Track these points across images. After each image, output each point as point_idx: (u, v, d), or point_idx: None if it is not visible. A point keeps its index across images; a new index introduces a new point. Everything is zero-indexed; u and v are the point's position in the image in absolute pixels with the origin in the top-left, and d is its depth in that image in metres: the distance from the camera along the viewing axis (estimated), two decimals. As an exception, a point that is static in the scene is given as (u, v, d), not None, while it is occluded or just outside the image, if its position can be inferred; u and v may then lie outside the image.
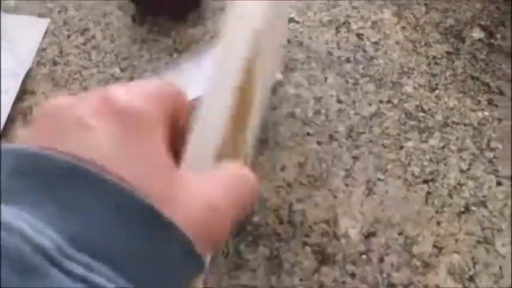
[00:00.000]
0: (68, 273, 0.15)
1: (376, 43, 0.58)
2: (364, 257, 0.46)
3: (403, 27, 0.60)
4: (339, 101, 0.54)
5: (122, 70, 0.57)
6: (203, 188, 0.22)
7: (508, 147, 0.51)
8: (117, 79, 0.56)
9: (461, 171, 0.50)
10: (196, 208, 0.20)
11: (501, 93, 0.55)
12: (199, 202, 0.21)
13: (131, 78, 0.56)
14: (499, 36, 0.59)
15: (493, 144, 0.51)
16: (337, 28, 0.59)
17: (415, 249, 0.46)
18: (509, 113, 0.53)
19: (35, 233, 0.15)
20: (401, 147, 0.51)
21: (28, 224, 0.15)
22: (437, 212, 0.48)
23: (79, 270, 0.15)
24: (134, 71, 0.57)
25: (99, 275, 0.16)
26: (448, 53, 0.58)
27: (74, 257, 0.16)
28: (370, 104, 0.54)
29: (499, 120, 0.53)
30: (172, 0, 0.60)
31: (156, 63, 0.57)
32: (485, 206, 0.48)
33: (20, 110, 0.55)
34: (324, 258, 0.46)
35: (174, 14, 0.60)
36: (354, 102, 0.54)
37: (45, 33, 0.60)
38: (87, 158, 0.18)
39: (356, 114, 0.53)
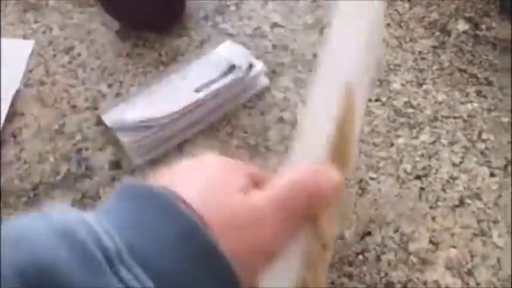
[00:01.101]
0: (118, 275, 0.18)
1: (361, 42, 0.58)
2: (360, 257, 0.45)
3: (388, 24, 0.59)
4: (327, 102, 0.54)
5: (109, 86, 0.57)
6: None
7: (500, 138, 0.51)
8: (104, 95, 0.56)
9: (454, 164, 0.49)
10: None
11: (489, 83, 0.54)
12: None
13: (118, 94, 0.56)
14: (484, 27, 0.59)
15: (484, 135, 0.51)
16: (321, 30, 0.59)
17: (412, 246, 0.45)
18: (498, 103, 0.53)
19: (104, 236, 0.19)
20: (392, 145, 0.51)
21: (102, 228, 0.19)
22: (431, 207, 0.47)
23: (128, 276, 0.18)
24: (121, 86, 0.57)
25: (142, 286, 0.18)
26: (433, 47, 0.58)
27: (128, 263, 0.18)
28: (358, 103, 0.54)
29: (489, 110, 0.53)
30: (154, 14, 0.60)
31: (142, 77, 0.57)
32: (480, 198, 0.47)
33: (10, 132, 0.55)
34: (320, 261, 0.45)
35: (157, 27, 0.61)
36: (342, 102, 0.54)
37: (31, 54, 0.60)
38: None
39: (345, 114, 0.53)
